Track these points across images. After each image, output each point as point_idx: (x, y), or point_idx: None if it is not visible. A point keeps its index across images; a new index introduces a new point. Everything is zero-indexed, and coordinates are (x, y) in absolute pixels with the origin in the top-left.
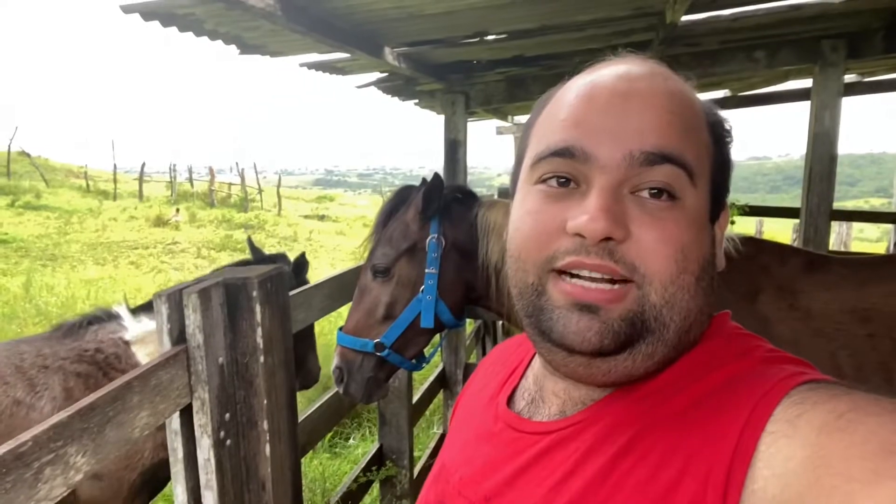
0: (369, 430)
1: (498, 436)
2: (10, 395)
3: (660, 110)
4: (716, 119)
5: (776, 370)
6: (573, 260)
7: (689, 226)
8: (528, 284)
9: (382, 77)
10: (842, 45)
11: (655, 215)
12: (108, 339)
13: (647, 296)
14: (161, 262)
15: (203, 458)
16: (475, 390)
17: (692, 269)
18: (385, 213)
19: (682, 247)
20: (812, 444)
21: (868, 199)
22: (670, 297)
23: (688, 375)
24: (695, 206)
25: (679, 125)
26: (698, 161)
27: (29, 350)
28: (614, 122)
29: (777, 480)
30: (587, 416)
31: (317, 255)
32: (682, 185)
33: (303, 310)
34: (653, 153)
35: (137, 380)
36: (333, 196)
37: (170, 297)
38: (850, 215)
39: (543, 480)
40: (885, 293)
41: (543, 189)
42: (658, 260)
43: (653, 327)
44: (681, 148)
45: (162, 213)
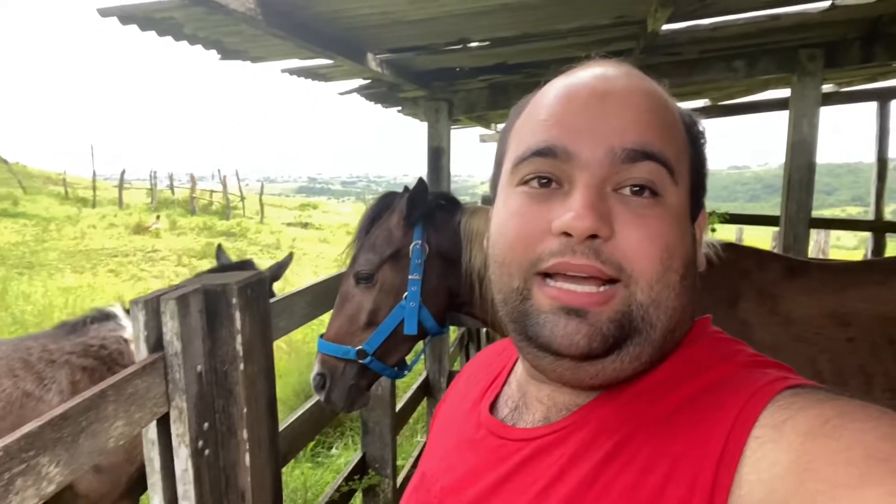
0: (352, 440)
1: (481, 443)
2: (21, 388)
3: (639, 108)
4: (691, 120)
5: (759, 375)
6: (559, 261)
7: (672, 223)
8: (513, 289)
9: (365, 84)
10: (819, 54)
11: (639, 213)
12: (110, 336)
13: (633, 295)
14: (141, 269)
15: (181, 469)
16: (456, 398)
17: (676, 267)
18: (368, 219)
19: (667, 244)
20: (797, 450)
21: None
22: (656, 295)
23: (671, 380)
24: (677, 203)
25: (658, 123)
26: (678, 159)
27: (35, 346)
28: (594, 121)
29: (762, 486)
30: (572, 421)
31: (300, 263)
32: (663, 182)
33: (284, 317)
34: (634, 149)
35: (112, 388)
36: (317, 204)
37: (147, 303)
38: (828, 223)
39: (528, 487)
40: (863, 297)
41: (526, 190)
42: (644, 258)
43: (640, 327)
44: (661, 145)
45: (142, 220)
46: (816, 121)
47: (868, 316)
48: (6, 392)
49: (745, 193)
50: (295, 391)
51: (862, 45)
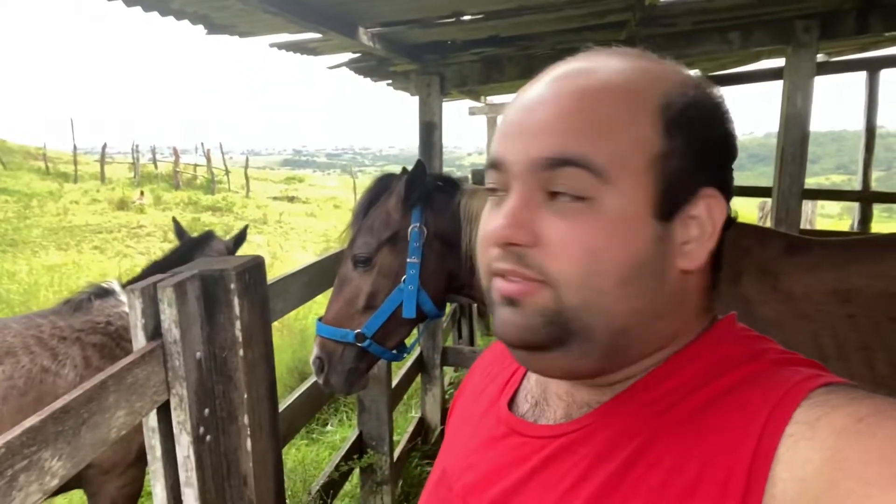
0: (346, 416)
1: (501, 441)
2: (38, 363)
3: (564, 112)
4: (676, 101)
5: (791, 372)
6: (496, 267)
7: (602, 226)
8: (485, 287)
9: (355, 58)
10: (815, 25)
11: (565, 217)
12: (114, 312)
13: (561, 297)
14: (126, 246)
15: (182, 456)
16: (474, 392)
17: (608, 270)
18: (366, 201)
19: (590, 248)
20: (830, 448)
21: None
22: (584, 298)
23: (698, 378)
24: (615, 204)
25: (581, 124)
26: (617, 156)
27: (45, 323)
28: (523, 131)
29: (796, 483)
30: (595, 419)
31: (288, 237)
32: (588, 186)
33: (280, 299)
34: (550, 158)
35: (112, 378)
36: (303, 177)
37: (144, 290)
38: (819, 194)
39: (554, 486)
40: (864, 274)
41: (491, 198)
42: (563, 262)
43: (574, 329)
44: (583, 148)
45: (125, 195)
46: (811, 93)
47: (869, 292)
48: (26, 368)
49: None
50: (289, 369)
51: (857, 15)
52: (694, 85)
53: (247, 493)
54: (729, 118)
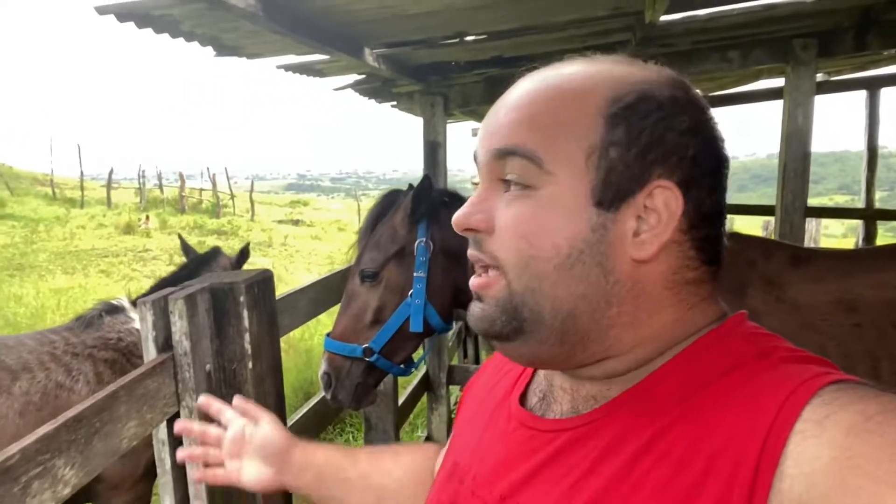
0: (353, 437)
1: (511, 434)
2: (53, 379)
3: (516, 110)
4: (622, 97)
5: (801, 369)
6: (469, 254)
7: (538, 211)
8: None
9: (360, 79)
10: (813, 44)
11: (510, 205)
12: (124, 328)
13: (510, 283)
14: (132, 269)
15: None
16: (486, 386)
17: (545, 255)
18: (372, 217)
19: (525, 233)
20: (839, 446)
21: (832, 197)
22: (527, 283)
23: (706, 374)
24: (553, 192)
25: (528, 118)
26: (556, 147)
27: (58, 339)
28: (487, 128)
29: (803, 480)
30: (603, 413)
31: (293, 261)
32: (530, 174)
33: (288, 314)
34: (499, 148)
35: (123, 389)
36: (307, 201)
37: (154, 303)
38: (823, 212)
39: (561, 479)
40: (869, 284)
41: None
42: (505, 247)
43: (524, 315)
44: (528, 140)
45: (131, 220)
46: (811, 110)
47: (874, 302)
48: (41, 384)
49: (733, 184)
50: (293, 388)
51: (855, 34)
52: (663, 83)
53: None
54: (700, 116)
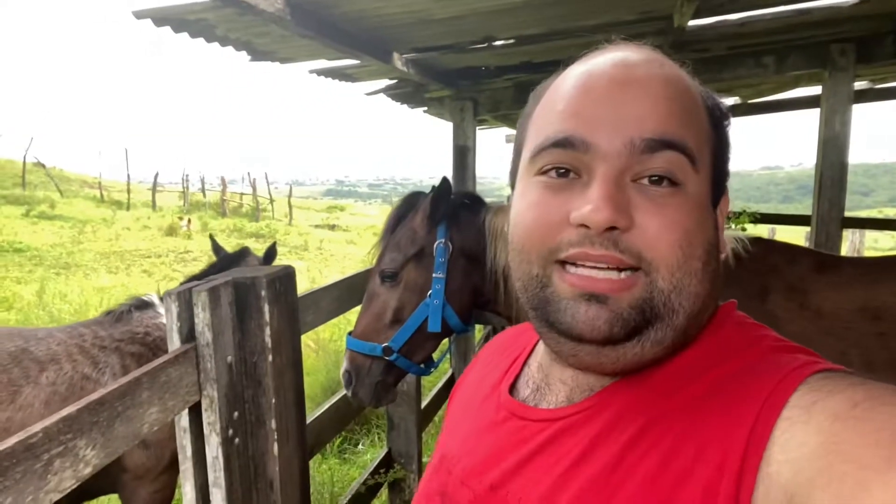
0: (378, 437)
1: (501, 425)
2: (80, 371)
3: (658, 96)
4: (713, 102)
5: (789, 359)
6: (578, 251)
7: (691, 211)
8: (533, 276)
9: (391, 84)
10: (851, 49)
11: (658, 202)
12: (153, 323)
13: (654, 282)
14: (173, 270)
15: (211, 456)
16: (475, 380)
17: (698, 254)
18: (393, 218)
19: (686, 232)
20: (826, 431)
21: (882, 209)
22: (678, 282)
23: (698, 364)
24: (697, 191)
25: (678, 110)
26: (699, 146)
27: (87, 333)
28: (613, 111)
29: (790, 465)
30: (595, 402)
31: (327, 264)
32: (683, 171)
33: (311, 312)
34: (654, 139)
35: (147, 376)
36: (344, 206)
37: (180, 295)
38: (861, 223)
39: (551, 468)
40: (893, 293)
41: (544, 180)
42: (663, 247)
43: (662, 313)
44: (681, 133)
45: (174, 222)
46: (848, 117)
47: None
48: (68, 375)
49: (778, 194)
50: (323, 388)
51: (895, 39)
52: (707, 88)
53: (272, 497)
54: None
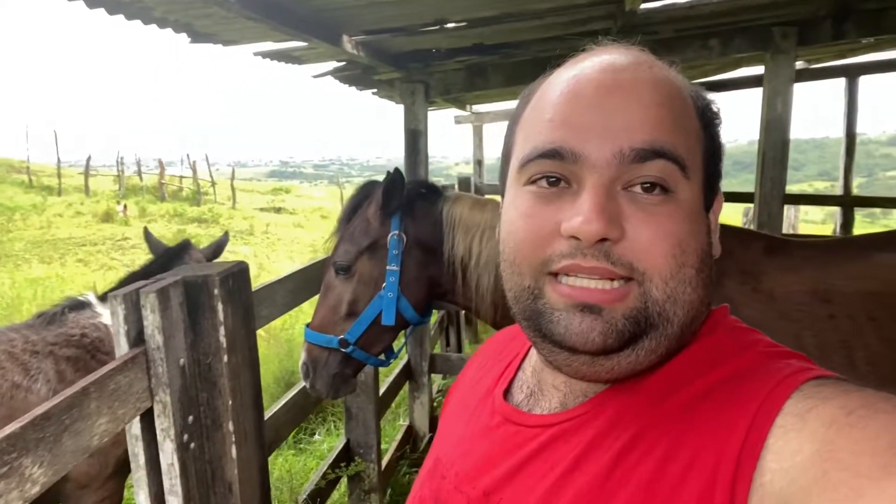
0: (334, 425)
1: (496, 430)
2: (9, 380)
3: (646, 103)
4: (704, 103)
5: (782, 365)
6: (569, 263)
7: (683, 219)
8: (525, 288)
9: (339, 66)
10: (792, 32)
11: (649, 211)
12: (90, 324)
13: (648, 292)
14: (111, 258)
15: (166, 463)
16: (468, 384)
17: (691, 262)
18: (350, 208)
19: (679, 241)
20: (821, 439)
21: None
22: (672, 291)
23: (692, 370)
24: (689, 198)
25: (668, 117)
26: (689, 152)
27: (17, 337)
28: (601, 119)
29: (784, 474)
30: (589, 408)
31: (275, 249)
32: (674, 179)
33: (266, 306)
34: (643, 149)
35: (94, 385)
36: (289, 188)
37: (126, 297)
38: (800, 199)
39: (545, 474)
40: (843, 275)
41: (534, 190)
42: (656, 257)
43: (656, 322)
44: (671, 141)
45: (110, 208)
46: (790, 98)
47: (848, 293)
48: None
49: None
50: (275, 378)
51: (833, 22)
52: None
53: (231, 500)
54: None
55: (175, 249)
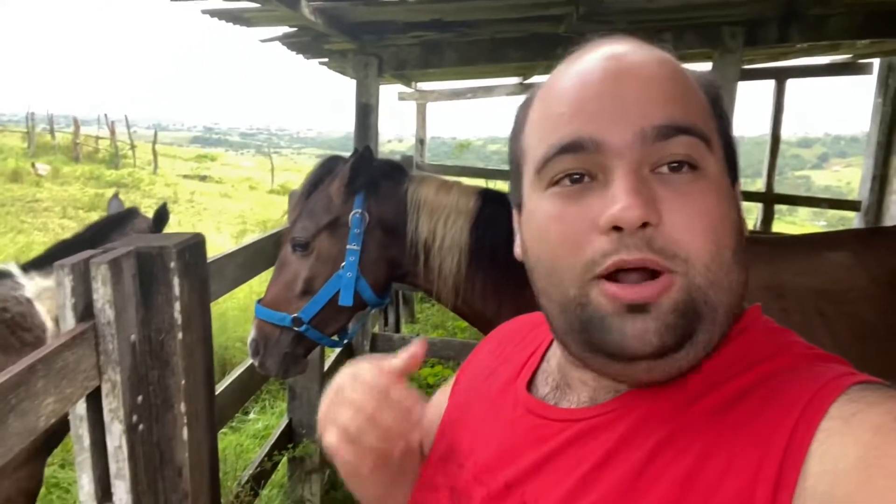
0: (269, 404)
1: (518, 422)
2: None
3: (657, 81)
4: (706, 81)
5: (825, 369)
6: (614, 260)
7: (717, 195)
8: (570, 298)
9: (290, 32)
10: (740, 32)
11: (682, 191)
12: (11, 297)
13: (692, 280)
14: (21, 221)
15: (113, 446)
16: (484, 369)
17: (728, 242)
18: (310, 183)
19: (715, 220)
20: (866, 444)
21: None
22: (714, 276)
23: (728, 369)
24: (716, 172)
25: (680, 93)
26: (707, 125)
27: None
28: (616, 104)
29: (828, 477)
30: (620, 404)
31: (201, 218)
32: (700, 154)
33: (215, 281)
34: (664, 125)
35: (41, 362)
36: (215, 155)
37: (74, 267)
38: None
39: (572, 469)
40: (794, 271)
41: (558, 191)
42: (696, 239)
43: (703, 312)
44: (688, 116)
45: (19, 167)
46: (734, 97)
47: (799, 288)
48: None
49: None
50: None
51: (779, 24)
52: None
53: (181, 484)
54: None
55: (118, 217)
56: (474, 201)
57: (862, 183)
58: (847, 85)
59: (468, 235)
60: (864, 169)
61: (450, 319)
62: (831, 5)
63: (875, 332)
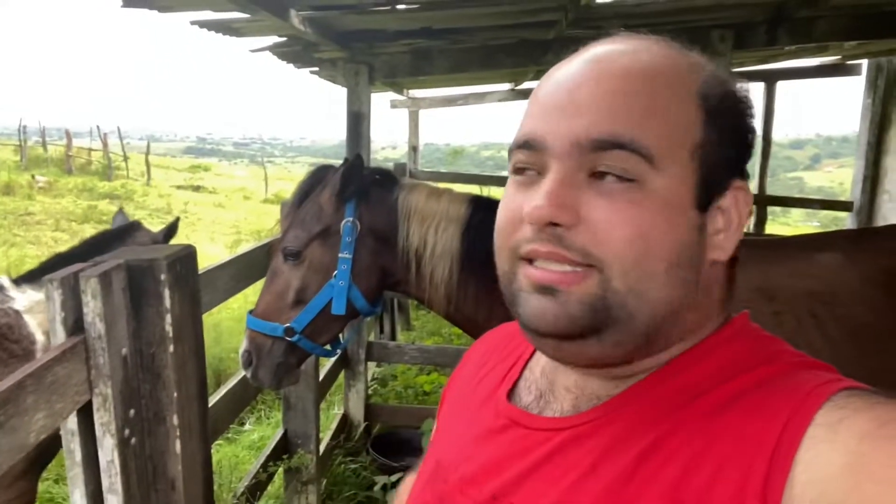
0: (264, 414)
1: (501, 433)
2: None
3: (612, 93)
4: (713, 91)
5: (811, 376)
6: (530, 248)
7: (651, 208)
8: (504, 272)
9: (280, 42)
10: (729, 35)
11: (610, 197)
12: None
13: (608, 280)
14: (13, 234)
15: (105, 460)
16: (469, 382)
17: (660, 255)
18: (301, 192)
19: (643, 230)
20: (853, 452)
21: None
22: (634, 283)
23: (714, 376)
24: (662, 188)
25: (635, 106)
26: (665, 141)
27: None
28: (566, 110)
29: (815, 486)
30: (604, 412)
31: (195, 229)
32: (639, 170)
33: (207, 292)
34: (599, 140)
35: (31, 378)
36: (208, 166)
37: (63, 281)
38: None
39: (559, 479)
40: (785, 273)
41: (514, 179)
42: (612, 242)
43: (616, 315)
44: (634, 132)
45: (12, 179)
46: None
47: (790, 291)
48: None
49: None
50: None
51: (768, 28)
52: (725, 77)
53: (175, 497)
54: (753, 113)
55: (119, 231)
56: (465, 208)
57: (854, 183)
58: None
59: (459, 242)
60: (856, 170)
61: (445, 326)
62: (819, 8)
63: (868, 332)
